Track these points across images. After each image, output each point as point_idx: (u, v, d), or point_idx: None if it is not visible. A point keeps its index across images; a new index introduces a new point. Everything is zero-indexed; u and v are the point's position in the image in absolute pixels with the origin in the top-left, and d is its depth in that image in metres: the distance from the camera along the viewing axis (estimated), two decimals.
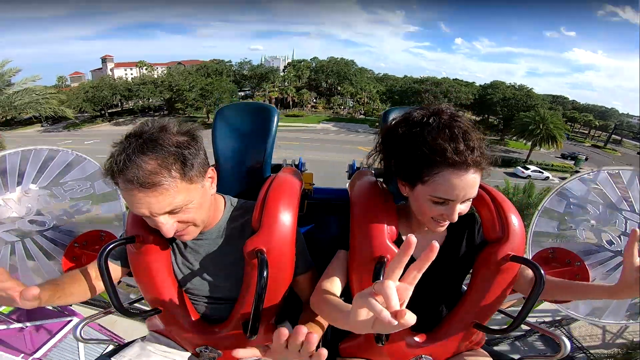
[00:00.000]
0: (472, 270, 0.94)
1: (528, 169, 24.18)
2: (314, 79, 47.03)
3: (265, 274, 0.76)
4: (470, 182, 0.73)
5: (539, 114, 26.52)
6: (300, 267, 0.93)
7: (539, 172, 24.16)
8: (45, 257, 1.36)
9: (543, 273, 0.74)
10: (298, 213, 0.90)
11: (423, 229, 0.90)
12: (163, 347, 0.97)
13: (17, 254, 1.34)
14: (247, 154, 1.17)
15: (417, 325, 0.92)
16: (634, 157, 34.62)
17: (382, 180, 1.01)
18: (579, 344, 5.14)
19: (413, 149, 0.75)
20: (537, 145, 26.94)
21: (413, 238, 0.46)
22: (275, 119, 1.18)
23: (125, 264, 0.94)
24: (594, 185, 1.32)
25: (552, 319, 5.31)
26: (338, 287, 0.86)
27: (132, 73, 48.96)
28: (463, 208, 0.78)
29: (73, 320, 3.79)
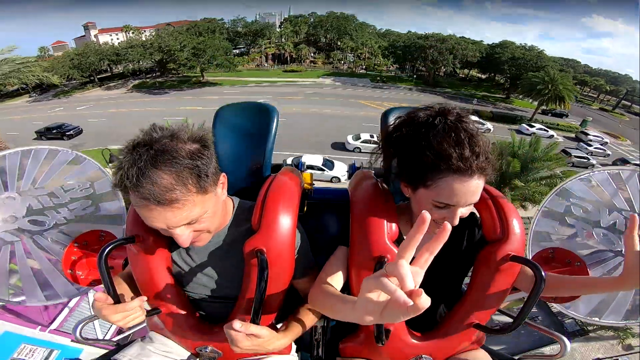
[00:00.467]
0: (472, 270, 0.94)
1: (533, 127, 23.96)
2: (313, 34, 45.70)
3: (265, 274, 0.76)
4: (474, 188, 0.73)
5: (549, 75, 26.07)
6: (304, 268, 0.93)
7: (544, 130, 23.98)
8: (45, 257, 1.36)
9: (543, 273, 0.74)
10: (298, 213, 0.90)
11: (430, 231, 0.90)
12: (163, 347, 0.97)
13: (17, 254, 1.34)
14: (247, 154, 1.17)
15: (417, 325, 0.93)
16: None
17: (382, 180, 1.01)
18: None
19: (417, 152, 0.74)
20: (543, 105, 26.66)
21: (427, 215, 0.44)
22: (275, 119, 1.18)
23: None
24: (594, 185, 1.32)
25: None
26: (338, 282, 0.85)
27: (118, 38, 46.92)
28: (464, 212, 0.78)
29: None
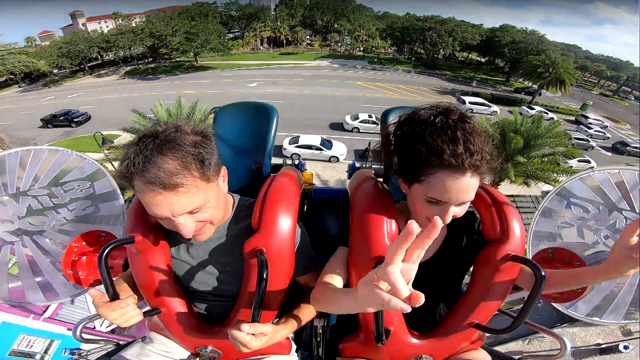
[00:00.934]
0: (472, 270, 0.94)
1: (533, 109, 23.88)
2: (309, 17, 45.29)
3: (265, 275, 0.76)
4: (466, 185, 0.72)
5: (550, 58, 25.95)
6: (305, 265, 0.94)
7: (544, 112, 23.72)
8: (45, 257, 1.36)
9: (544, 274, 0.74)
10: (298, 213, 0.90)
11: (423, 227, 0.90)
12: (163, 347, 0.97)
13: (17, 254, 1.33)
14: (247, 154, 1.17)
15: (417, 325, 0.93)
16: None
17: (381, 180, 1.02)
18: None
19: (413, 148, 0.75)
20: (543, 88, 26.73)
21: (415, 226, 0.44)
22: (275, 119, 1.18)
23: None
24: (594, 185, 1.32)
25: None
26: (338, 283, 0.86)
27: (107, 26, 46.19)
28: (458, 211, 0.77)
29: None
